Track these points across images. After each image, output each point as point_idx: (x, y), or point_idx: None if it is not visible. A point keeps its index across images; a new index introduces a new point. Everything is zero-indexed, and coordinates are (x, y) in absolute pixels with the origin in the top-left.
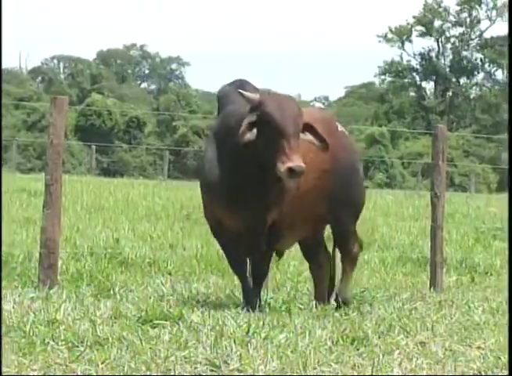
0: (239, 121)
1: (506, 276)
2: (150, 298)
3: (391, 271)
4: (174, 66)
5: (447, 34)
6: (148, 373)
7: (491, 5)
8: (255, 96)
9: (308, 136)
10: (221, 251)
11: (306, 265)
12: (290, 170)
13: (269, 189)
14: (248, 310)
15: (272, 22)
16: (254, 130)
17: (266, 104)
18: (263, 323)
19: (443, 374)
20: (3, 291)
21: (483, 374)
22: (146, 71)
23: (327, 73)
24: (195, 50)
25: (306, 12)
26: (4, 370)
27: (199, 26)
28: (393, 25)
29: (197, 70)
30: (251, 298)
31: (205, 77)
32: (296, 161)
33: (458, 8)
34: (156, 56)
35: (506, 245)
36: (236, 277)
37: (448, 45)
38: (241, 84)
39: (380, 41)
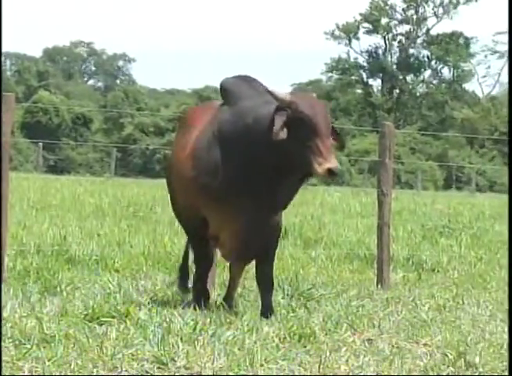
0: (259, 119)
1: (452, 273)
2: (97, 295)
3: (338, 268)
4: (120, 63)
5: (394, 32)
6: (95, 370)
7: (437, 2)
8: (286, 96)
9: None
10: (168, 249)
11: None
12: (329, 171)
13: (281, 192)
14: (195, 307)
15: (218, 20)
16: (285, 130)
17: (299, 104)
18: (210, 321)
19: (390, 371)
20: None
21: (430, 371)
22: (93, 68)
23: (274, 70)
24: (140, 47)
25: (253, 10)
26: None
27: (144, 23)
28: (340, 22)
29: (143, 67)
30: (198, 298)
31: (151, 74)
32: (333, 162)
33: (405, 5)
34: (103, 52)
35: (452, 242)
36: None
37: (395, 43)
38: (250, 79)
39: (327, 39)
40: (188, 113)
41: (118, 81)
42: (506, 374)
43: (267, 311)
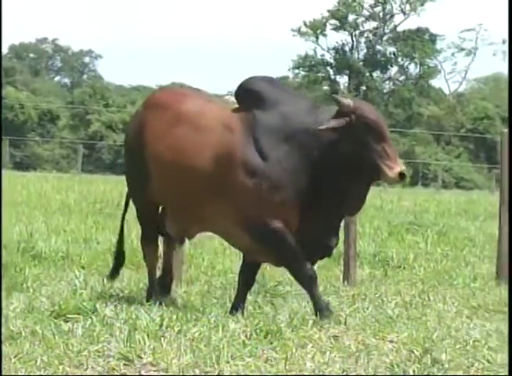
0: (304, 125)
1: (418, 270)
2: (63, 291)
3: None
4: (86, 59)
5: (361, 28)
6: (61, 367)
7: None
8: (349, 101)
9: None
10: (134, 245)
11: (220, 259)
12: (401, 174)
13: (348, 198)
14: (161, 303)
15: (184, 16)
16: (337, 133)
17: (363, 109)
18: (176, 317)
19: (356, 367)
20: None
21: (395, 367)
22: (59, 65)
23: (241, 66)
24: (106, 43)
25: (220, 6)
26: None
27: (109, 19)
28: (307, 19)
29: (110, 64)
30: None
31: (118, 70)
32: (402, 165)
33: (372, 2)
34: (69, 49)
35: (418, 239)
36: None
37: (362, 39)
38: (276, 81)
39: (294, 35)
40: (176, 105)
41: (85, 78)
42: (472, 371)
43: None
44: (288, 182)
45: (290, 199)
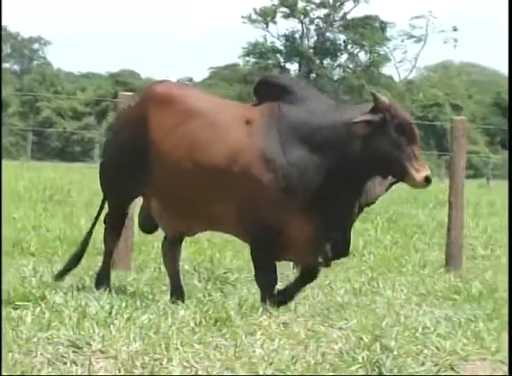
0: (331, 121)
1: (368, 257)
2: (13, 279)
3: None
4: (36, 46)
5: (311, 16)
6: (10, 354)
7: None
8: (386, 99)
9: None
10: (84, 232)
11: None
12: (427, 178)
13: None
14: (110, 291)
15: (133, 1)
16: (368, 127)
17: (397, 109)
18: (126, 305)
19: (305, 354)
20: None
21: (345, 354)
22: (8, 51)
23: (191, 53)
24: (55, 30)
25: None
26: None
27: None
28: (258, 6)
29: (59, 50)
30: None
31: (67, 57)
32: (428, 170)
33: None
34: (18, 35)
35: (368, 226)
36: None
37: (312, 27)
38: (297, 78)
39: (244, 23)
40: (186, 100)
41: (34, 64)
42: (421, 358)
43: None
44: (307, 182)
45: (305, 200)
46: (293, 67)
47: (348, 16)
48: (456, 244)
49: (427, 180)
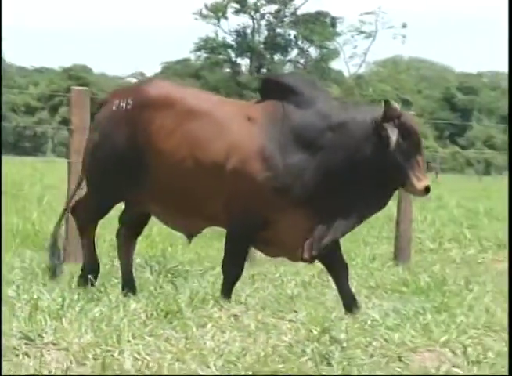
0: (347, 124)
1: None
2: None
3: (206, 245)
4: None
5: (262, 11)
6: None
7: None
8: (398, 106)
9: None
10: (37, 226)
11: None
12: (427, 189)
13: (370, 202)
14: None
15: None
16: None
17: (407, 117)
18: (78, 297)
19: (255, 346)
20: None
21: (294, 346)
22: None
23: (143, 49)
24: (7, 24)
25: None
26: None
27: None
28: (208, 2)
29: (11, 45)
30: None
31: (19, 51)
32: (428, 179)
33: None
34: None
35: None
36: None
37: (263, 22)
38: (310, 79)
39: (195, 19)
40: (187, 100)
41: None
42: (370, 350)
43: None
44: (304, 183)
45: (300, 201)
46: (244, 62)
47: (299, 12)
48: (405, 238)
49: (427, 190)
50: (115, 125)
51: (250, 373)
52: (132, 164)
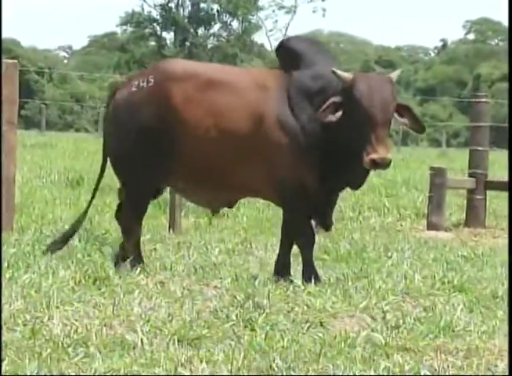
0: (323, 87)
1: (241, 218)
2: None
3: None
4: None
5: None
6: None
7: None
8: (348, 76)
9: (403, 119)
10: None
11: (50, 208)
12: (374, 162)
13: (350, 172)
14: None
15: None
16: (339, 113)
17: (357, 86)
18: (8, 265)
19: (181, 311)
20: None
21: (219, 311)
22: None
23: (69, 23)
24: None
25: None
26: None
27: None
28: None
29: None
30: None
31: None
32: (381, 153)
33: None
34: None
35: None
36: None
37: None
38: (316, 42)
39: None
40: (213, 71)
41: None
42: (292, 315)
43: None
44: (315, 143)
45: (316, 160)
46: (169, 36)
47: None
48: None
49: (374, 163)
50: (138, 104)
51: (176, 338)
52: (160, 138)
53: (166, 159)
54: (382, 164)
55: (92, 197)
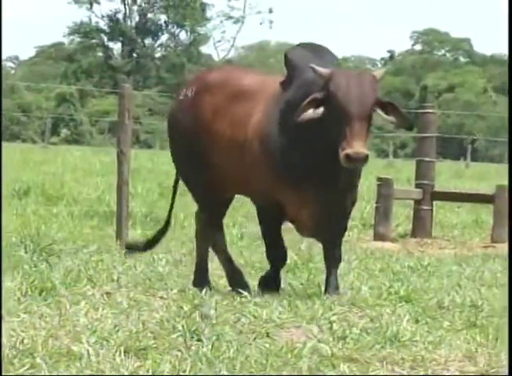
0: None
1: (189, 230)
2: None
3: (79, 224)
4: None
5: None
6: None
7: None
8: (326, 71)
9: (390, 117)
10: None
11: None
12: (348, 157)
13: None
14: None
15: None
16: (320, 109)
17: (334, 81)
18: None
19: (127, 322)
20: None
21: (165, 322)
22: None
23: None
24: None
25: None
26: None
27: None
28: None
29: None
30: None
31: None
32: (355, 148)
33: None
34: None
35: (187, 199)
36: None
37: (135, 7)
38: (320, 49)
39: (69, 3)
40: (231, 79)
41: None
42: (239, 326)
43: (330, 288)
44: (298, 160)
45: (299, 177)
46: (116, 47)
47: None
48: None
49: (348, 158)
50: (182, 113)
51: (122, 348)
52: (198, 149)
53: (207, 171)
54: (357, 160)
55: (172, 205)
